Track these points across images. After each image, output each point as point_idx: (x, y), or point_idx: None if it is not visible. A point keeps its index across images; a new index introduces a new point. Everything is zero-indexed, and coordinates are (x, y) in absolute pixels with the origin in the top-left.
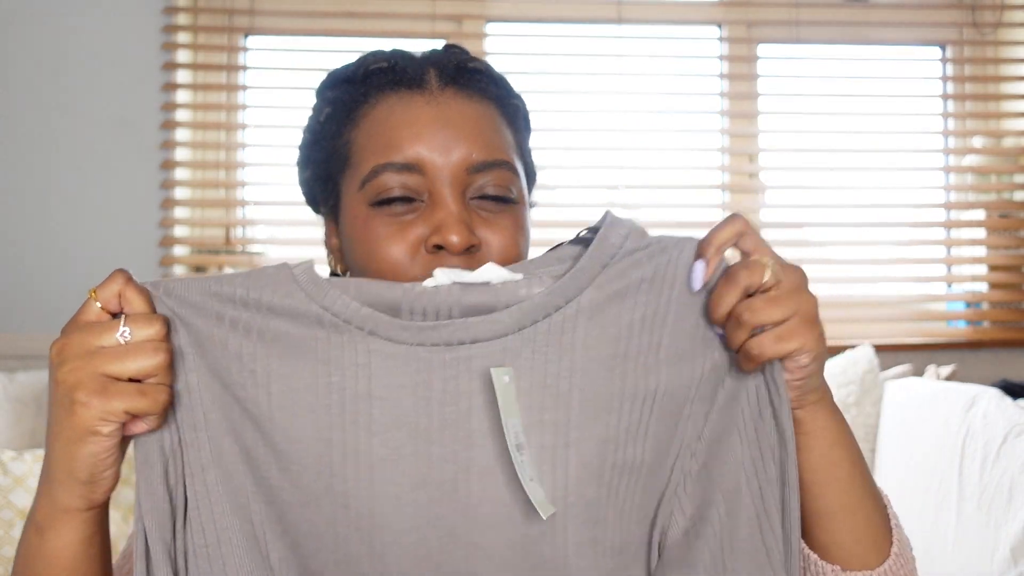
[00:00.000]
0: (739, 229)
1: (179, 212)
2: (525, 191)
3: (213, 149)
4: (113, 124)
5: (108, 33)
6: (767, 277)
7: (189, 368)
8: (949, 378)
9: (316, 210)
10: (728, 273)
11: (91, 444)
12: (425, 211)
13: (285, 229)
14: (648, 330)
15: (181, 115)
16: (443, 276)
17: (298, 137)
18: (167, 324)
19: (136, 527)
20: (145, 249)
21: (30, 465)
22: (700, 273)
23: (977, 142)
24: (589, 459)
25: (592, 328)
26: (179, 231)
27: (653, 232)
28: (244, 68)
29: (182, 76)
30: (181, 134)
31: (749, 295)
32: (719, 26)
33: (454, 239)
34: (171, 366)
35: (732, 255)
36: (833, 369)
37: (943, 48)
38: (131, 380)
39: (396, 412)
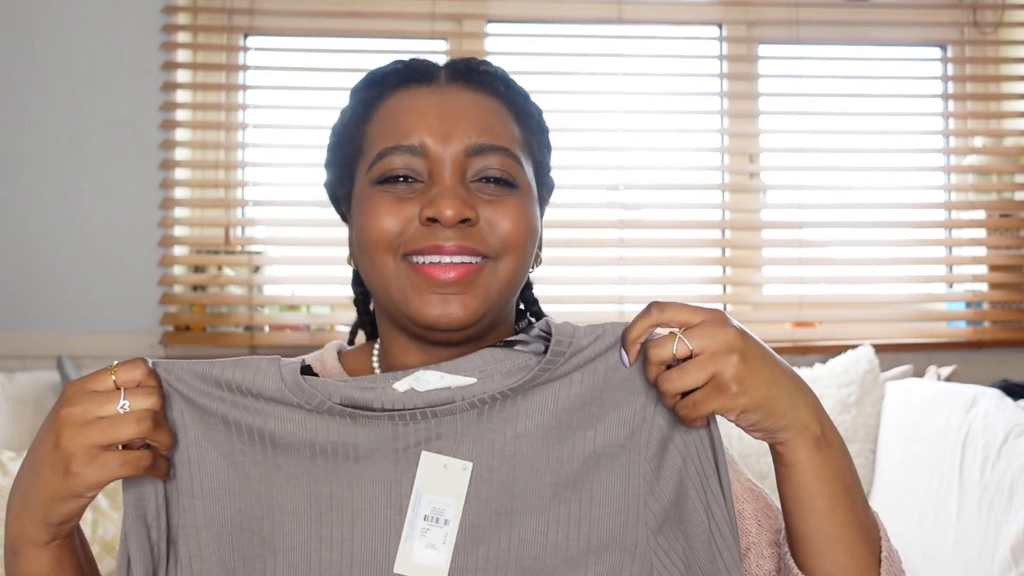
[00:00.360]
0: (652, 321)
1: (179, 212)
2: (532, 185)
3: (213, 149)
4: (113, 124)
5: (108, 33)
6: (676, 350)
7: (190, 442)
8: (949, 378)
9: (341, 213)
10: (646, 350)
11: (72, 504)
12: (424, 190)
13: (285, 229)
14: (588, 401)
15: (181, 115)
16: (407, 384)
17: (297, 137)
18: (163, 398)
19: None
20: (145, 249)
21: None
22: (625, 358)
23: (978, 142)
24: (536, 515)
25: (536, 404)
26: (179, 231)
27: (654, 232)
28: (244, 68)
29: (182, 76)
30: (181, 134)
31: (670, 366)
32: (719, 26)
33: (448, 212)
34: (161, 433)
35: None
36: (834, 369)
37: (943, 48)
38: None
39: (364, 488)
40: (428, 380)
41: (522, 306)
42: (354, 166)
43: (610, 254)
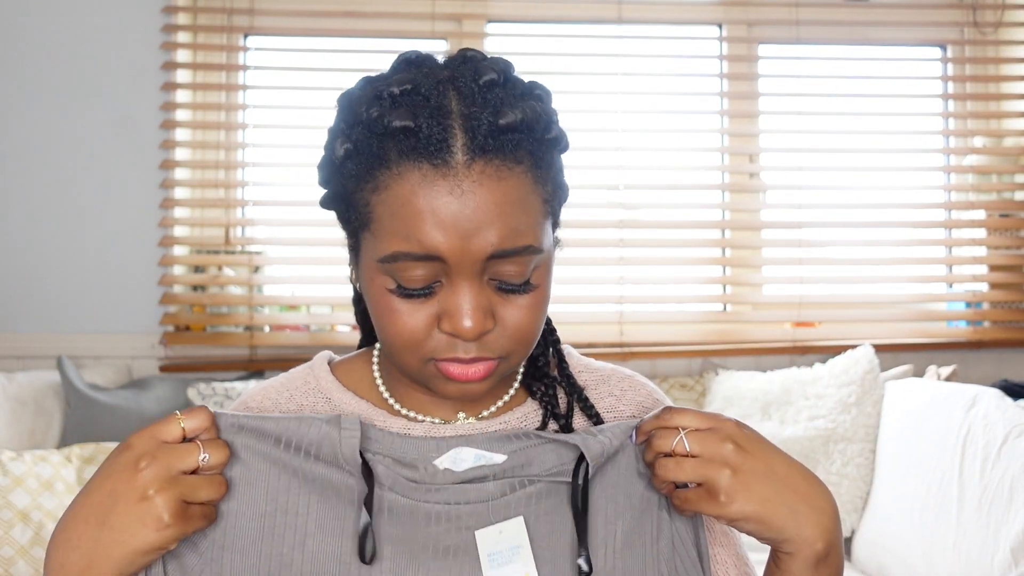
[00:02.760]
0: (661, 424)
1: (179, 212)
2: (550, 244)
3: (213, 149)
4: (113, 124)
5: (108, 33)
6: (674, 445)
7: (231, 495)
8: (949, 378)
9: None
10: (650, 438)
11: (156, 555)
12: (441, 292)
13: (285, 229)
14: (608, 488)
15: (181, 115)
16: (446, 463)
17: (297, 137)
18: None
19: None
20: (145, 249)
21: (29, 465)
22: (634, 436)
23: (978, 142)
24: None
25: (560, 491)
26: (179, 231)
27: (654, 232)
28: (243, 68)
29: (182, 76)
30: (181, 134)
31: (669, 454)
32: (719, 26)
33: (467, 325)
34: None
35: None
36: (834, 369)
37: (944, 48)
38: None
39: (400, 551)
40: (465, 459)
41: None
42: (359, 230)
43: (610, 254)
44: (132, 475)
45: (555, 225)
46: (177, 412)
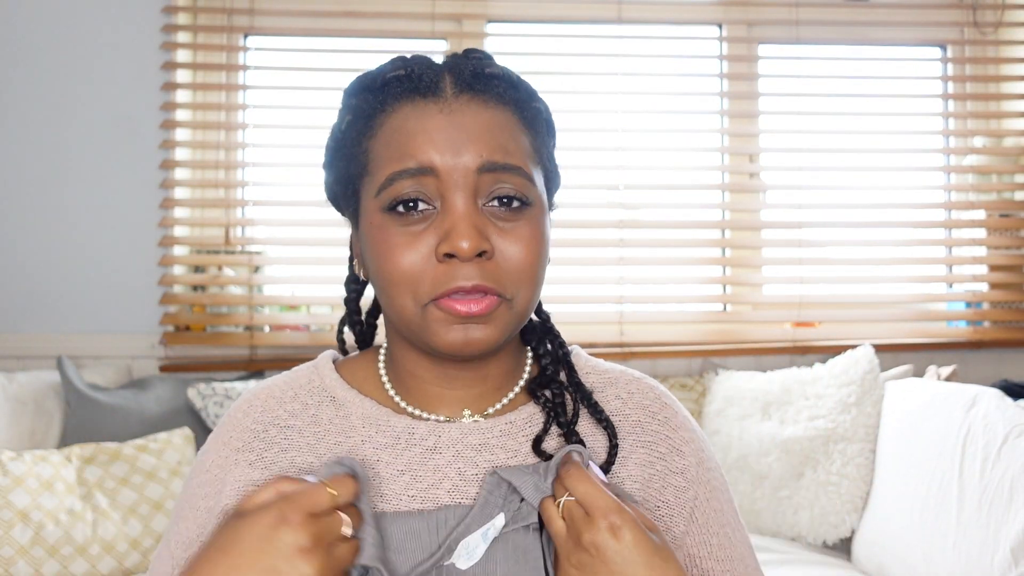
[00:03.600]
0: (561, 474)
1: (179, 212)
2: (543, 196)
3: (213, 149)
4: (113, 124)
5: (108, 33)
6: (557, 502)
7: None
8: (949, 378)
9: (341, 212)
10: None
11: None
12: (436, 218)
13: (285, 229)
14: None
15: (181, 115)
16: (465, 556)
17: (297, 137)
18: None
19: None
20: (145, 249)
21: (29, 465)
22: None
23: (978, 142)
24: None
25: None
26: (179, 231)
27: (654, 232)
28: (244, 68)
29: (182, 76)
30: (181, 134)
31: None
32: (719, 26)
33: (464, 244)
34: None
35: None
36: (834, 369)
37: (944, 48)
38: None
39: None
40: (477, 549)
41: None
42: (359, 183)
43: (610, 254)
44: (294, 559)
45: (549, 194)
46: (325, 484)
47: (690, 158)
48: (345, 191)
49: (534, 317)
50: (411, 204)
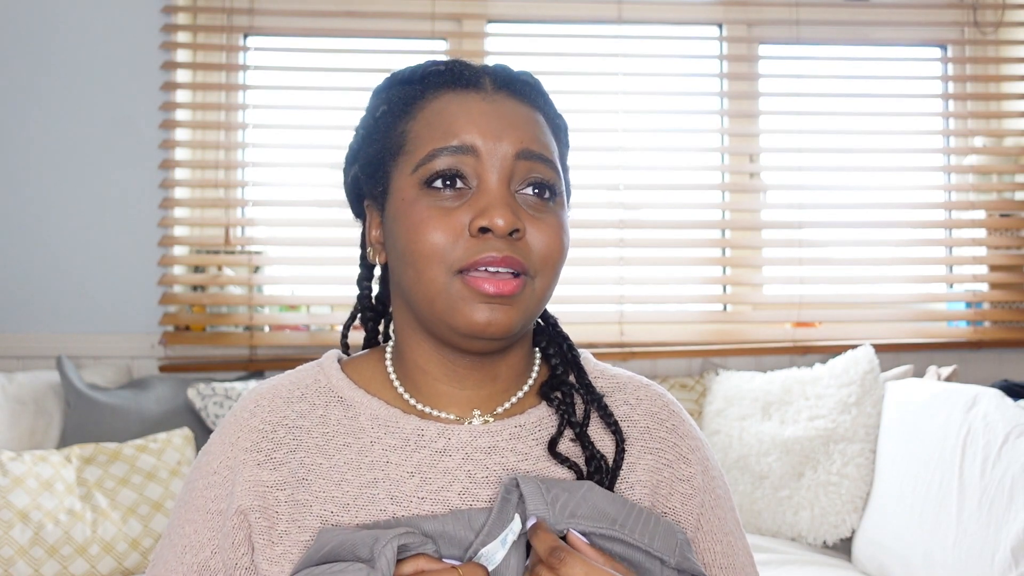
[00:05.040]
0: (549, 554)
1: (179, 212)
2: (565, 197)
3: (213, 149)
4: (113, 124)
5: (108, 33)
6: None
7: None
8: (950, 378)
9: (356, 211)
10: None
11: None
12: (472, 197)
13: (285, 229)
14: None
15: (181, 115)
16: (487, 562)
17: (297, 137)
18: None
19: None
20: (145, 249)
21: (29, 465)
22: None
23: (978, 142)
24: None
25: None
26: (179, 231)
27: (654, 232)
28: (243, 68)
29: (182, 76)
30: (181, 134)
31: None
32: (719, 26)
33: (499, 221)
34: None
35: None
36: (834, 369)
37: (944, 48)
38: None
39: None
40: (496, 555)
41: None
42: (391, 164)
43: (610, 254)
44: None
45: (567, 197)
46: (459, 569)
47: (690, 158)
48: (375, 173)
49: (541, 321)
50: (448, 181)
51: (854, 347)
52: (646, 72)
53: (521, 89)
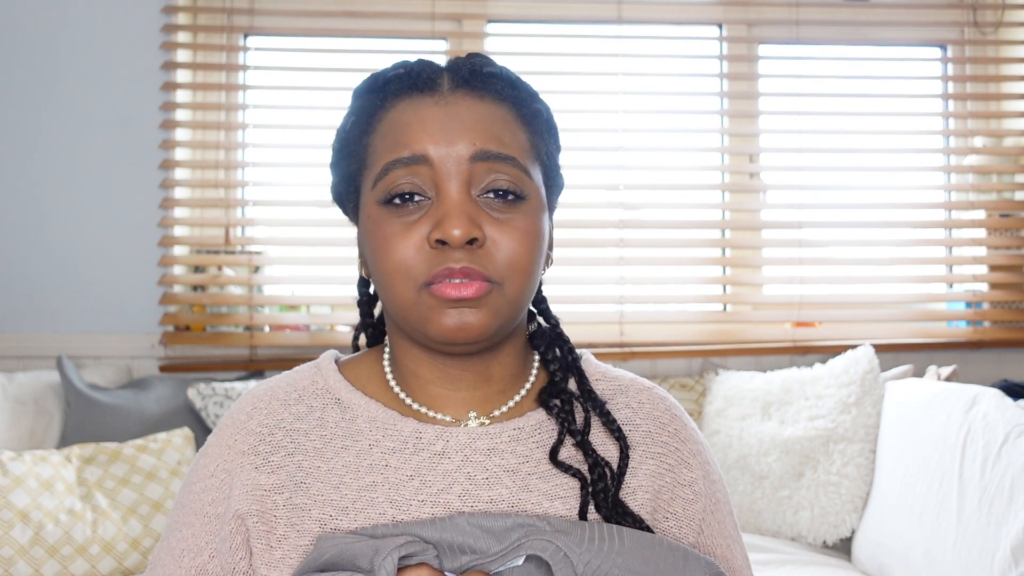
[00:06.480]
0: None
1: (179, 212)
2: (541, 193)
3: (213, 149)
4: (113, 124)
5: (108, 33)
6: None
7: None
8: (950, 378)
9: (346, 213)
10: None
11: None
12: (431, 209)
13: (285, 229)
14: None
15: (180, 115)
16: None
17: (297, 137)
18: None
19: None
20: (145, 249)
21: (29, 465)
22: None
23: (978, 142)
24: None
25: None
26: (179, 231)
27: (654, 232)
28: (243, 68)
29: (182, 76)
30: (180, 134)
31: None
32: (719, 26)
33: (455, 232)
34: None
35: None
36: (834, 369)
37: (944, 48)
38: None
39: None
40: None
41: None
42: (359, 179)
43: (610, 254)
44: None
45: (550, 193)
46: None
47: (690, 158)
48: (348, 189)
49: (543, 323)
50: (407, 196)
51: (854, 347)
52: (646, 72)
53: (484, 83)
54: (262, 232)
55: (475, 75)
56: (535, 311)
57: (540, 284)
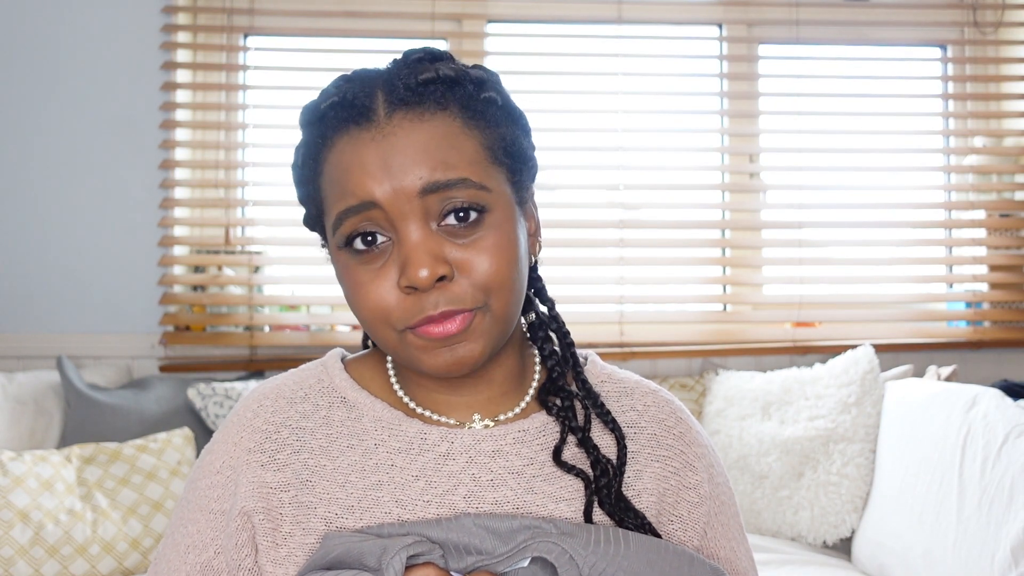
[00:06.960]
0: None
1: (179, 212)
2: (508, 194)
3: (213, 149)
4: (113, 124)
5: (108, 33)
6: None
7: None
8: (949, 378)
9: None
10: None
11: None
12: (394, 251)
13: (285, 229)
14: None
15: (181, 115)
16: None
17: (297, 137)
18: None
19: None
20: (145, 249)
21: (29, 465)
22: None
23: (978, 142)
24: None
25: None
26: (179, 231)
27: (654, 232)
28: (243, 68)
29: (182, 76)
30: (181, 134)
31: None
32: (719, 26)
33: (421, 274)
34: None
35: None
36: (834, 369)
37: (944, 48)
38: None
39: None
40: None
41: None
42: (322, 222)
43: (610, 254)
44: None
45: (520, 186)
46: None
47: (690, 158)
48: (314, 226)
49: (541, 307)
50: (368, 239)
51: (854, 347)
52: (646, 72)
53: (421, 97)
54: (262, 232)
55: (410, 90)
56: (530, 294)
57: (536, 267)
